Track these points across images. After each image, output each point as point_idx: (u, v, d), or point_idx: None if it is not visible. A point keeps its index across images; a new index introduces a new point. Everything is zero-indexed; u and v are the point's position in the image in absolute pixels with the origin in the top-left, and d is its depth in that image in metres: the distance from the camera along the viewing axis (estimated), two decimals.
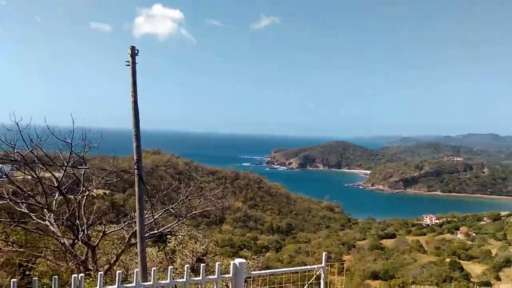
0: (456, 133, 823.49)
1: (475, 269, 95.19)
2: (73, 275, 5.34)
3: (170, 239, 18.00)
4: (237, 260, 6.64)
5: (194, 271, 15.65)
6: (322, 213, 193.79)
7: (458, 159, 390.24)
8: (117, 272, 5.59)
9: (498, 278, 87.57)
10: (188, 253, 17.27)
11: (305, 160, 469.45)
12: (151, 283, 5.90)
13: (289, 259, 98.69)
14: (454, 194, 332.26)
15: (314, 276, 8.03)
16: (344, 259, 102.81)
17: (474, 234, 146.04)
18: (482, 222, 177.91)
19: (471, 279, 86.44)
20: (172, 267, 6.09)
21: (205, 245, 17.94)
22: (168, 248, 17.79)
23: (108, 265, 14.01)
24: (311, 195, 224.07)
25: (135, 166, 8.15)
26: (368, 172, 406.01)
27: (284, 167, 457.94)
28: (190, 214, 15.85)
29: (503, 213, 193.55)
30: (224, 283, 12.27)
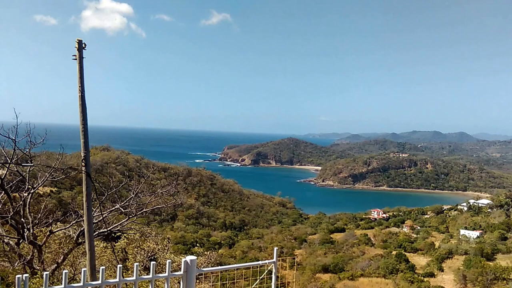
0: (402, 130, 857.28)
1: (420, 260, 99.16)
2: (17, 276, 5.16)
3: (122, 238, 17.64)
4: (188, 257, 6.62)
5: (147, 269, 15.43)
6: (274, 208, 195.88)
7: (403, 155, 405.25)
8: (64, 271, 5.45)
9: (441, 269, 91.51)
10: (140, 251, 17.02)
11: (258, 157, 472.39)
12: (99, 282, 5.79)
13: (242, 254, 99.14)
14: (400, 189, 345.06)
15: (266, 271, 8.13)
16: (296, 253, 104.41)
17: (418, 228, 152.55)
18: (426, 216, 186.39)
19: (416, 271, 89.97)
20: (121, 265, 6.00)
21: (157, 243, 17.73)
22: (118, 246, 17.44)
23: (56, 265, 13.59)
24: (264, 191, 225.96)
25: (83, 163, 7.97)
26: (319, 168, 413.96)
27: (237, 164, 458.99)
28: (141, 211, 15.60)
29: (445, 207, 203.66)
30: (176, 280, 12.20)
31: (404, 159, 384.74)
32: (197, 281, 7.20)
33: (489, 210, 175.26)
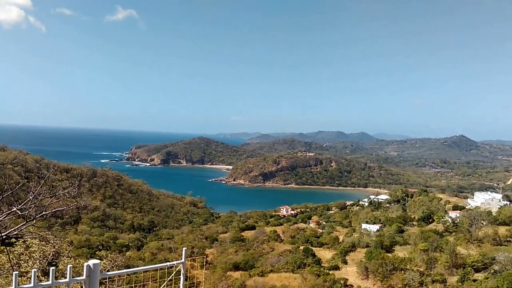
0: (309, 130, 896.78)
1: (325, 254, 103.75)
2: None
3: (16, 243, 16.43)
4: (91, 261, 6.38)
5: (47, 275, 14.58)
6: (185, 208, 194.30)
7: (310, 154, 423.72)
8: None
9: (345, 262, 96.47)
10: (37, 256, 15.99)
11: (167, 156, 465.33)
12: None
13: (151, 256, 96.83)
14: (307, 186, 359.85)
15: (174, 272, 8.08)
16: (207, 253, 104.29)
17: (324, 223, 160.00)
18: (330, 212, 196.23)
19: (322, 264, 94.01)
20: (17, 272, 5.64)
21: (56, 247, 16.78)
22: (15, 251, 16.24)
23: None
24: (174, 191, 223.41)
25: None
26: (230, 167, 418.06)
27: (146, 164, 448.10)
28: (41, 214, 14.66)
29: (348, 203, 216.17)
30: (79, 286, 11.66)
31: (311, 158, 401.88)
32: (102, 285, 6.96)
33: (387, 205, 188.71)
